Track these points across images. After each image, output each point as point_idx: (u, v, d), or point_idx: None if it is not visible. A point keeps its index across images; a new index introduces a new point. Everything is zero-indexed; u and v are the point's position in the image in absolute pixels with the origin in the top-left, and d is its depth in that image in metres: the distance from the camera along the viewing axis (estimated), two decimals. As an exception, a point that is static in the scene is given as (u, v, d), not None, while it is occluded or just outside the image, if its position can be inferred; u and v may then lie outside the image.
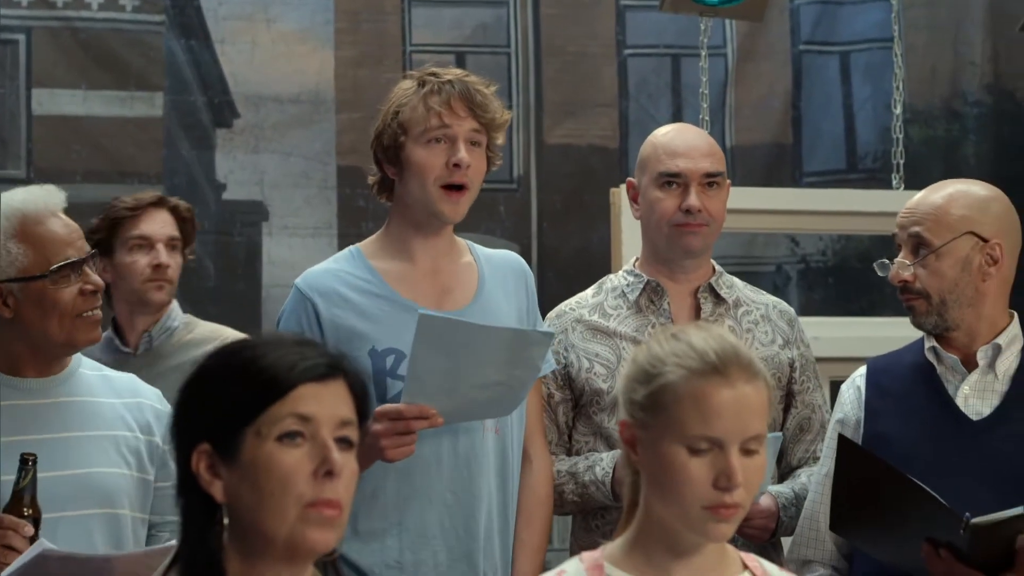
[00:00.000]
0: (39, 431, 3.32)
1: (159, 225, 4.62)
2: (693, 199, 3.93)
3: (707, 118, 5.75)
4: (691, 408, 2.51)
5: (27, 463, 3.15)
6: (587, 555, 2.63)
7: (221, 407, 2.26)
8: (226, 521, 2.25)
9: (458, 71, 3.69)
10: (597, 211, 6.07)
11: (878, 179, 6.48)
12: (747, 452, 2.49)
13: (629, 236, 5.23)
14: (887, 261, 3.74)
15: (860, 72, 6.75)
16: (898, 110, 5.93)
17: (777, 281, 6.51)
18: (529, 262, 4.49)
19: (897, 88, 5.94)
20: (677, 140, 4.04)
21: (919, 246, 3.66)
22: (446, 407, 3.42)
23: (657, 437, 2.52)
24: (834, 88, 6.76)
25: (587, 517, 3.91)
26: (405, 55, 6.34)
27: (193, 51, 6.14)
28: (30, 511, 3.15)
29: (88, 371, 3.49)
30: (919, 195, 3.71)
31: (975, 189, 3.72)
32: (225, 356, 2.33)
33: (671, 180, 3.96)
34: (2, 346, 3.41)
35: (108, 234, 4.59)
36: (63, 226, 3.40)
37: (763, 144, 6.60)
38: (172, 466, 3.31)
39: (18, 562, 3.05)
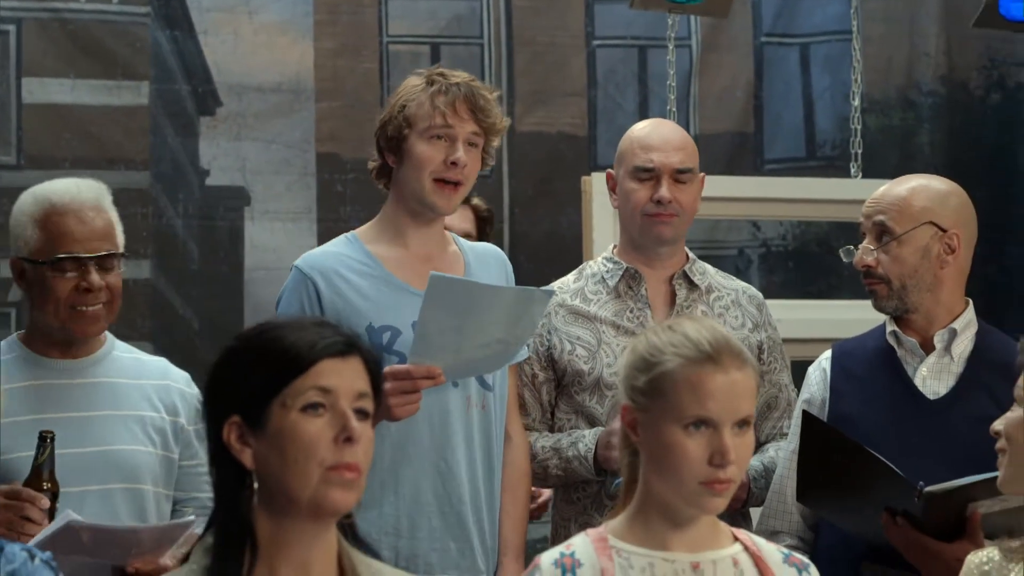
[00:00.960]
0: (66, 409, 3.47)
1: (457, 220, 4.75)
2: (664, 191, 4.10)
3: (674, 109, 5.90)
4: (688, 392, 2.69)
5: (45, 440, 3.30)
6: (592, 531, 2.80)
7: (249, 382, 2.45)
8: (256, 486, 2.47)
9: (465, 75, 3.86)
10: (566, 197, 6.16)
11: (836, 166, 6.55)
12: (738, 432, 2.68)
13: (600, 222, 5.42)
14: (852, 248, 3.93)
15: (819, 63, 6.76)
16: (856, 102, 6.10)
17: (739, 264, 6.56)
18: (501, 246, 4.64)
19: (855, 80, 6.11)
20: (652, 136, 4.20)
21: (883, 234, 3.85)
22: (449, 365, 3.58)
23: (656, 419, 2.70)
24: (794, 78, 6.77)
25: (568, 490, 4.07)
26: (382, 46, 6.32)
27: (177, 42, 6.11)
28: (48, 485, 3.30)
29: (121, 353, 3.65)
30: (883, 187, 3.90)
31: (936, 183, 3.91)
32: (251, 337, 2.53)
33: (644, 173, 4.15)
34: (33, 329, 3.59)
35: None
36: (79, 223, 3.54)
37: (726, 132, 6.63)
38: (196, 446, 3.58)
39: (46, 531, 3.21)
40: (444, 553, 3.69)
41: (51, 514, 3.31)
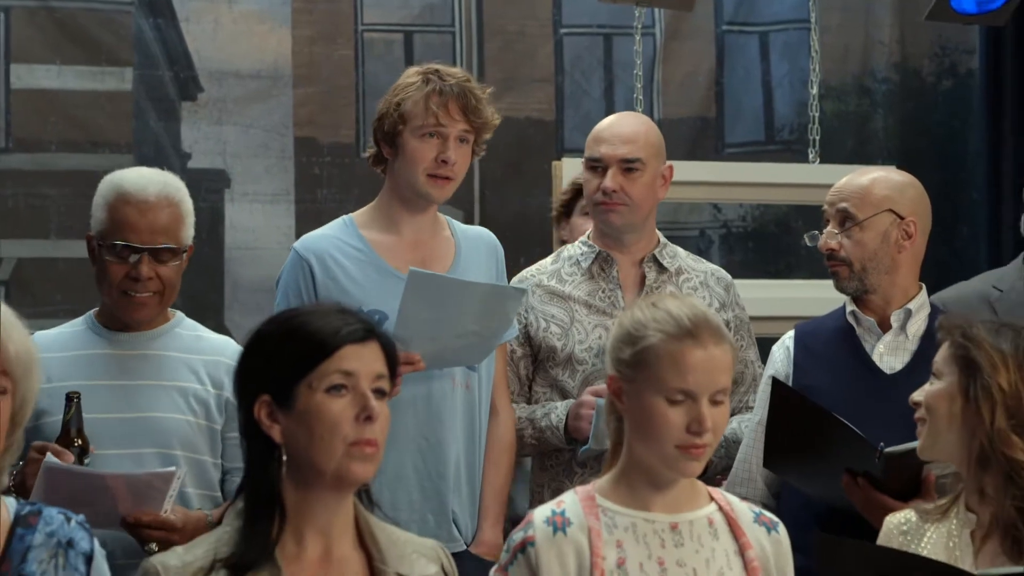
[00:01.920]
0: (113, 378, 3.61)
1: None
2: (607, 181, 4.25)
3: (640, 97, 6.01)
4: (669, 366, 2.87)
5: (71, 400, 3.46)
6: (580, 488, 2.99)
7: (279, 365, 2.67)
8: (284, 458, 2.68)
9: (459, 72, 4.00)
10: (534, 179, 6.29)
11: (794, 150, 6.68)
12: (715, 403, 2.87)
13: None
14: (816, 232, 4.15)
15: (778, 51, 6.85)
16: (814, 91, 6.22)
17: (700, 245, 6.66)
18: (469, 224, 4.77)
19: (813, 70, 6.22)
20: (605, 128, 4.35)
21: (845, 219, 4.08)
22: (428, 353, 3.75)
23: (640, 390, 2.89)
24: (754, 65, 6.87)
25: (543, 457, 4.26)
26: (357, 34, 6.38)
27: (160, 29, 6.17)
28: (78, 442, 3.45)
29: (184, 331, 3.78)
30: (846, 177, 4.12)
31: (895, 175, 4.15)
32: (279, 323, 2.75)
33: (594, 164, 4.33)
34: (103, 303, 3.74)
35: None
36: (140, 215, 3.65)
37: (689, 117, 6.71)
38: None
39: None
40: (423, 524, 3.82)
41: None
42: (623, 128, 4.33)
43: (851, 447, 3.70)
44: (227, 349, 3.82)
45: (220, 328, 6.11)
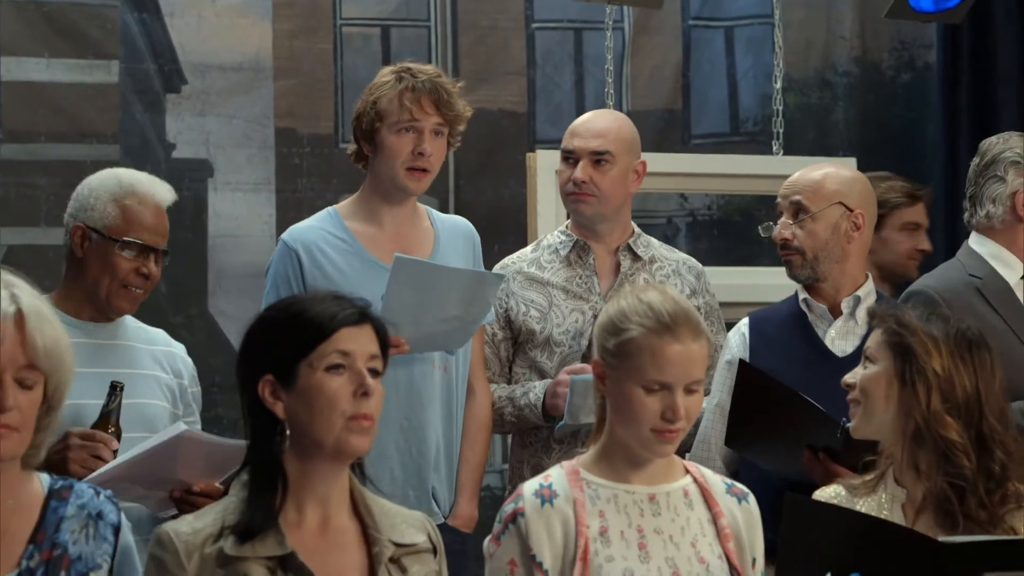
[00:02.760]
0: (92, 365, 3.73)
1: None
2: (577, 172, 4.46)
3: (611, 91, 6.11)
4: (648, 359, 3.08)
5: (115, 389, 3.64)
6: (566, 463, 3.20)
7: (281, 347, 2.88)
8: (287, 433, 2.89)
9: (431, 69, 4.19)
10: (507, 169, 6.37)
11: (758, 141, 6.74)
12: (689, 392, 3.07)
13: (543, 195, 5.70)
14: (771, 223, 4.38)
15: (743, 45, 6.89)
16: (778, 85, 6.31)
17: (667, 232, 6.70)
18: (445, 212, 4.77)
19: (777, 65, 6.32)
20: (579, 123, 4.56)
21: (799, 211, 4.31)
22: (412, 336, 3.95)
23: (621, 377, 3.10)
24: (719, 59, 6.90)
25: (522, 435, 4.49)
26: (335, 28, 6.41)
27: (145, 23, 6.18)
28: (114, 430, 3.64)
29: (131, 322, 3.96)
30: (800, 172, 4.35)
31: (845, 171, 4.39)
32: (280, 310, 2.96)
33: (567, 155, 4.54)
34: (70, 290, 3.88)
35: None
36: (153, 216, 3.87)
37: (656, 109, 6.73)
38: (193, 406, 3.92)
39: (158, 439, 3.52)
40: (404, 500, 3.93)
41: (114, 456, 3.62)
42: (596, 123, 4.53)
43: (815, 423, 3.90)
44: (171, 341, 4.07)
45: (204, 313, 6.24)
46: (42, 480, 2.97)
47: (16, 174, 6.06)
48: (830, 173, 4.35)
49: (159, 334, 4.07)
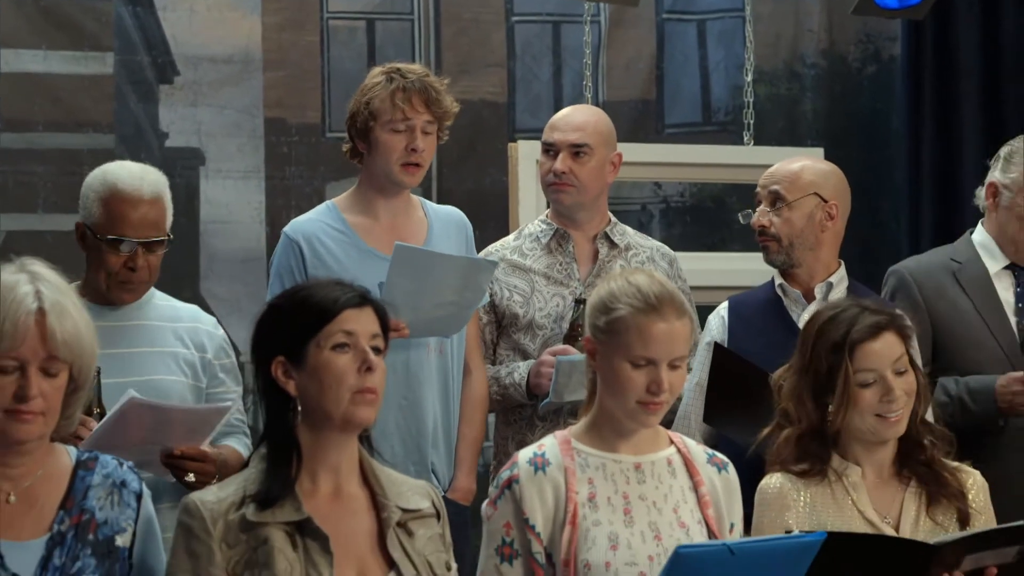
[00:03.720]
0: (112, 347, 3.89)
1: None
2: (557, 163, 4.67)
3: (589, 83, 6.31)
4: (635, 336, 3.28)
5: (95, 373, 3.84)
6: (559, 433, 3.41)
7: (291, 330, 3.11)
8: (299, 408, 3.11)
9: (419, 68, 4.39)
10: (488, 158, 6.48)
11: (729, 130, 6.86)
12: (673, 367, 3.27)
13: (524, 183, 5.88)
14: (750, 211, 4.61)
15: (714, 38, 7.00)
16: (749, 78, 6.48)
17: (642, 219, 6.84)
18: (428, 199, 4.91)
19: (748, 59, 6.48)
20: (559, 116, 4.77)
21: (776, 200, 4.53)
22: (411, 321, 4.15)
23: (610, 353, 3.31)
24: (692, 52, 7.01)
25: (507, 412, 4.70)
26: (322, 21, 6.50)
27: (139, 16, 6.24)
28: (97, 410, 3.82)
29: (159, 301, 4.15)
30: (779, 163, 4.56)
31: (821, 164, 4.62)
32: (288, 297, 3.19)
33: (548, 148, 4.74)
34: (89, 279, 4.08)
35: None
36: (136, 211, 4.02)
37: (631, 100, 6.85)
38: (222, 377, 4.09)
39: (113, 409, 3.70)
40: (404, 474, 4.16)
41: None
42: (575, 117, 4.74)
43: None
44: (200, 316, 4.23)
45: (196, 296, 6.25)
46: (69, 452, 3.19)
47: (14, 162, 6.13)
48: (807, 165, 4.59)
49: (187, 310, 4.24)
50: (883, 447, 3.74)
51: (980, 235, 4.82)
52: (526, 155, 5.87)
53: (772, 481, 3.73)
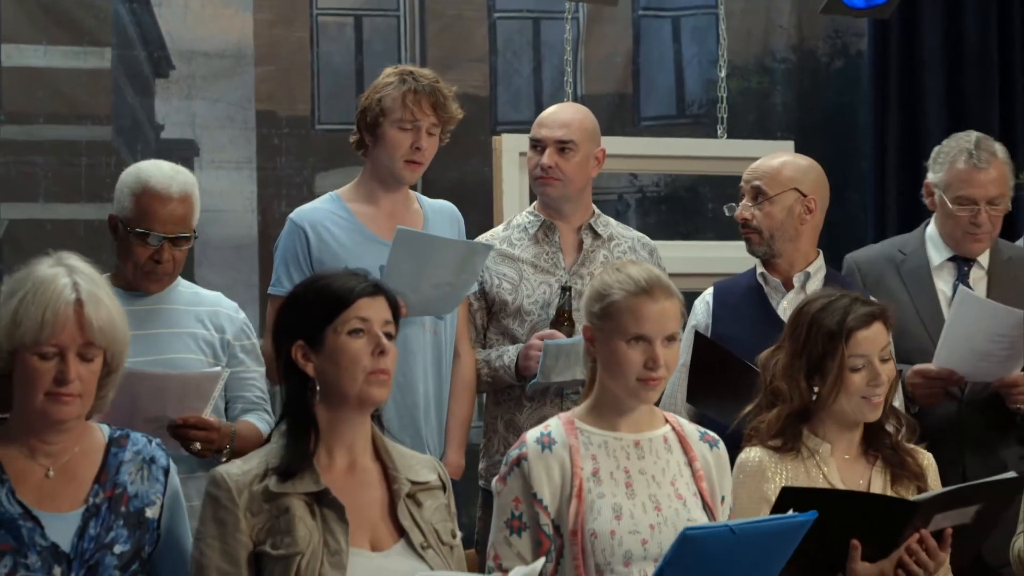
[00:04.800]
0: (136, 329, 3.94)
1: None
2: (544, 158, 4.89)
3: (570, 80, 6.51)
4: (630, 317, 3.51)
5: None
6: (563, 415, 3.64)
7: (310, 316, 3.34)
8: (317, 388, 3.35)
9: (429, 74, 4.61)
10: (470, 150, 6.58)
11: (702, 123, 7.00)
12: (667, 344, 3.51)
13: (508, 174, 6.10)
14: (734, 204, 4.82)
15: (688, 34, 7.16)
16: (723, 73, 6.65)
17: (619, 208, 7.00)
18: (415, 191, 5.09)
19: (721, 55, 6.65)
20: (546, 114, 4.98)
21: (758, 195, 4.74)
22: (410, 300, 4.33)
23: (608, 336, 3.54)
24: (667, 47, 7.16)
25: (496, 394, 4.92)
26: (312, 17, 6.66)
27: (136, 13, 6.37)
28: None
29: (184, 288, 4.37)
30: (761, 159, 4.74)
31: (801, 160, 4.81)
32: (307, 286, 3.42)
33: (535, 144, 4.96)
34: (118, 268, 4.28)
35: None
36: (164, 206, 4.22)
37: (608, 93, 7.01)
38: (241, 357, 4.32)
39: None
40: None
41: None
42: (561, 115, 4.95)
43: (758, 387, 4.34)
44: (221, 301, 4.46)
45: (190, 281, 6.58)
46: (103, 430, 3.44)
47: (16, 153, 6.26)
48: (787, 161, 4.81)
49: (210, 296, 4.47)
50: (854, 428, 3.97)
51: (931, 228, 5.08)
52: (509, 148, 6.07)
53: (751, 454, 3.95)
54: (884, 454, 3.98)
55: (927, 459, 4.05)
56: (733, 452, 3.99)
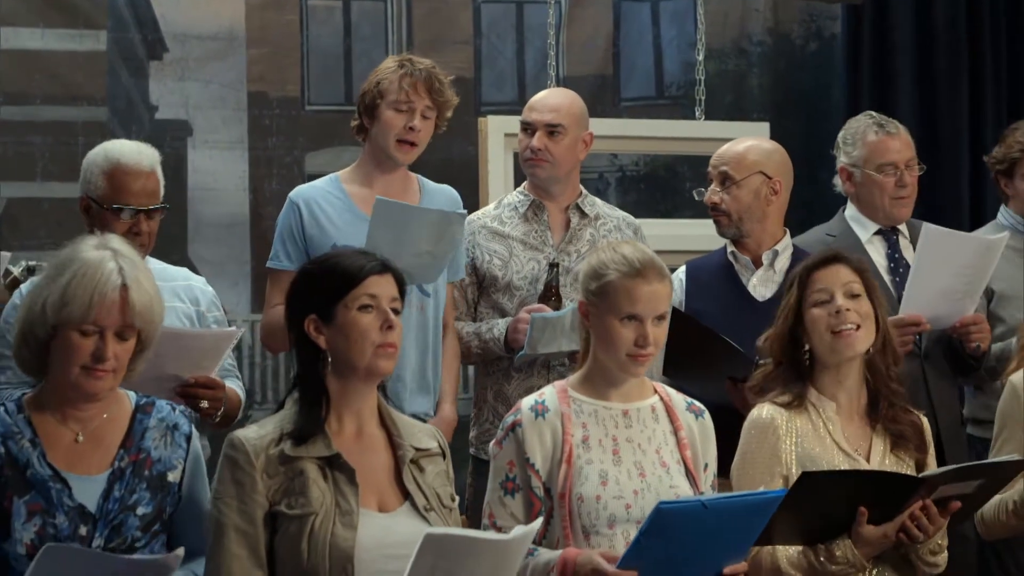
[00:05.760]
0: None
1: None
2: (534, 141, 5.05)
3: (553, 62, 6.61)
4: (623, 297, 3.67)
5: None
6: (557, 383, 3.82)
7: (322, 292, 3.51)
8: (329, 360, 3.52)
9: (427, 61, 4.79)
10: (456, 130, 6.22)
11: (680, 104, 7.20)
12: (657, 323, 3.68)
13: (493, 154, 6.20)
14: (703, 189, 4.99)
15: (667, 17, 7.36)
16: (700, 57, 6.76)
17: (599, 186, 7.17)
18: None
19: (699, 39, 6.76)
20: (536, 98, 5.15)
21: (725, 179, 4.91)
22: None
23: (602, 313, 3.70)
24: (646, 30, 7.36)
25: (486, 365, 5.09)
26: (302, 1, 6.83)
27: None
28: None
29: (154, 264, 4.46)
30: (727, 145, 4.92)
31: (765, 143, 4.98)
32: (318, 263, 3.59)
33: (526, 127, 5.11)
34: None
35: None
36: (136, 181, 4.36)
37: (589, 75, 7.18)
38: (214, 328, 4.43)
39: None
40: None
41: None
42: (551, 100, 5.12)
43: (734, 360, 4.51)
44: (190, 275, 4.62)
45: (184, 258, 6.56)
46: (130, 397, 3.64)
47: (14, 133, 6.42)
48: (752, 146, 4.98)
49: (179, 271, 4.62)
50: (851, 381, 4.10)
51: (850, 210, 5.30)
52: (495, 129, 6.21)
53: (763, 412, 4.09)
54: (885, 422, 4.13)
55: (922, 423, 4.20)
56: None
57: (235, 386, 4.56)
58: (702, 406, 3.95)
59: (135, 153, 4.43)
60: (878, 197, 5.18)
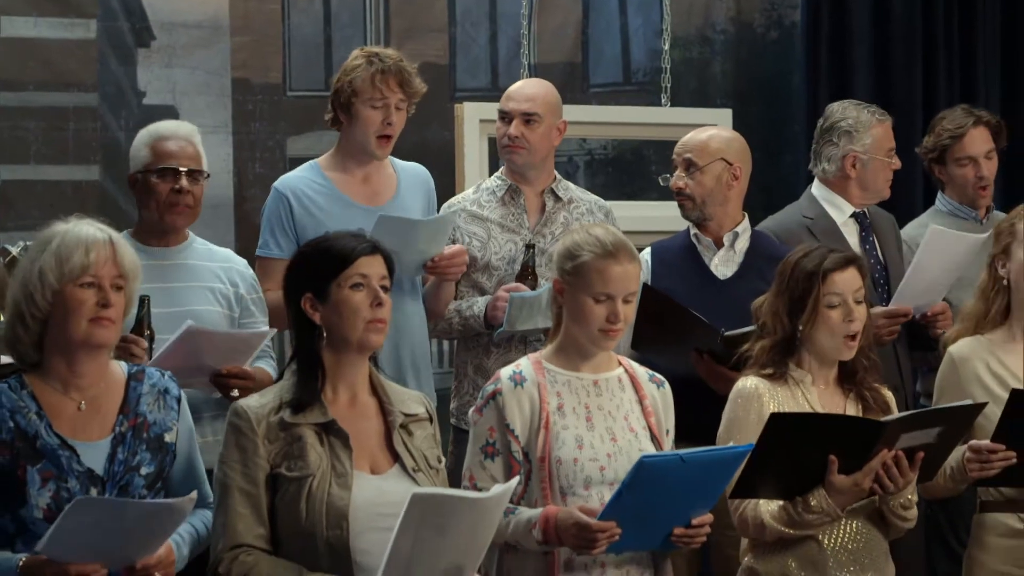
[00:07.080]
0: (159, 282, 4.54)
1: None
2: (511, 129, 5.27)
3: (526, 50, 6.82)
4: (596, 277, 3.90)
5: (143, 302, 4.39)
6: (532, 355, 4.06)
7: (317, 272, 3.76)
8: (324, 335, 3.78)
9: (393, 53, 4.99)
10: (431, 115, 6.77)
11: (647, 90, 7.33)
12: (627, 301, 3.91)
13: (469, 140, 6.41)
14: (668, 176, 5.24)
15: (634, 6, 7.46)
16: (666, 46, 6.97)
17: (568, 169, 7.27)
18: (388, 153, 5.39)
19: (665, 29, 6.98)
20: (513, 88, 5.37)
21: (689, 166, 5.14)
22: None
23: (576, 291, 3.94)
24: (614, 18, 7.46)
25: (467, 341, 5.32)
26: None
27: None
28: (149, 332, 4.42)
29: (198, 245, 4.74)
30: (690, 134, 5.14)
31: (725, 132, 5.22)
32: (313, 246, 3.83)
33: (503, 115, 5.33)
34: (140, 226, 4.67)
35: None
36: (176, 146, 4.63)
37: (559, 62, 7.34)
38: (252, 309, 4.72)
39: (174, 335, 4.32)
40: None
41: (149, 352, 4.42)
42: (527, 89, 5.35)
43: (700, 331, 4.73)
44: (232, 257, 4.84)
45: None
46: (122, 367, 3.87)
47: (8, 118, 6.55)
48: (714, 134, 5.23)
49: (222, 252, 4.86)
50: (831, 365, 4.36)
51: (820, 190, 5.59)
52: (471, 116, 6.42)
53: (748, 383, 4.32)
54: (856, 389, 4.38)
55: (888, 396, 4.46)
56: (676, 394, 4.35)
57: (267, 366, 4.78)
58: (663, 377, 4.17)
59: (174, 124, 4.74)
60: (881, 181, 5.45)
